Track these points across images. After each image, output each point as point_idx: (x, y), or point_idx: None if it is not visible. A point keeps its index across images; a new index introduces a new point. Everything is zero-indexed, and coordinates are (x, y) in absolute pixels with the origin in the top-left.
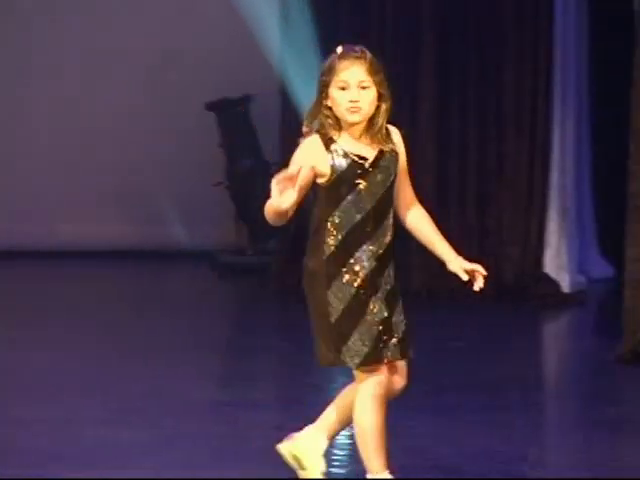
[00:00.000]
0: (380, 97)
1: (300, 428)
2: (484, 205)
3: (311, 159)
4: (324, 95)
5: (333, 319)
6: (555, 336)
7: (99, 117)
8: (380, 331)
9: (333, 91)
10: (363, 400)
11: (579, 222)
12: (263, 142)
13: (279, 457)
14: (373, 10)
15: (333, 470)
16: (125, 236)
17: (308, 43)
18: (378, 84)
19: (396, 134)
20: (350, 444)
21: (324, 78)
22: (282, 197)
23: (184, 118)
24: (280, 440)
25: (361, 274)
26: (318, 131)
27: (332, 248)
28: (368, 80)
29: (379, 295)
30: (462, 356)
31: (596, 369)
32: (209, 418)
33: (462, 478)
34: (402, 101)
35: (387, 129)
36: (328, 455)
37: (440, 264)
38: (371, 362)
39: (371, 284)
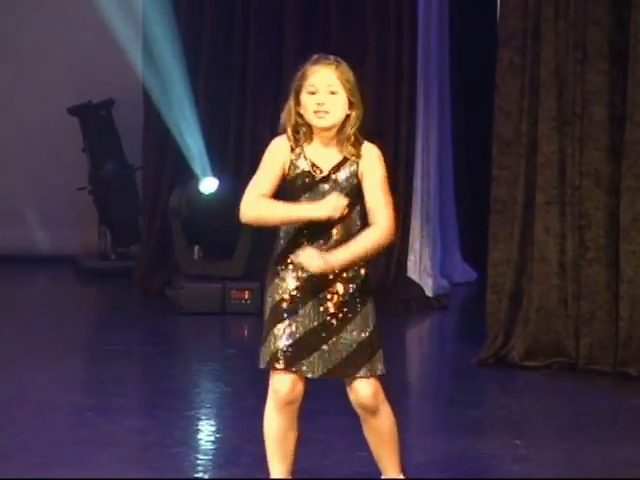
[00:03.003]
0: (350, 105)
1: (162, 433)
2: None
3: (280, 157)
4: (296, 101)
5: (265, 316)
6: (418, 340)
7: None
8: (296, 342)
9: (303, 96)
10: (266, 405)
11: (442, 227)
12: (126, 146)
13: (141, 461)
14: (237, 13)
15: (197, 475)
16: None
17: (171, 48)
18: (348, 91)
19: (371, 151)
20: (213, 449)
21: (296, 84)
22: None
23: (47, 122)
24: (143, 445)
25: (297, 279)
26: (291, 134)
27: (278, 250)
28: (337, 85)
29: (314, 304)
30: None
31: (458, 372)
32: (71, 423)
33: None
34: (267, 107)
35: (360, 141)
36: (192, 460)
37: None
38: (275, 369)
39: (306, 291)
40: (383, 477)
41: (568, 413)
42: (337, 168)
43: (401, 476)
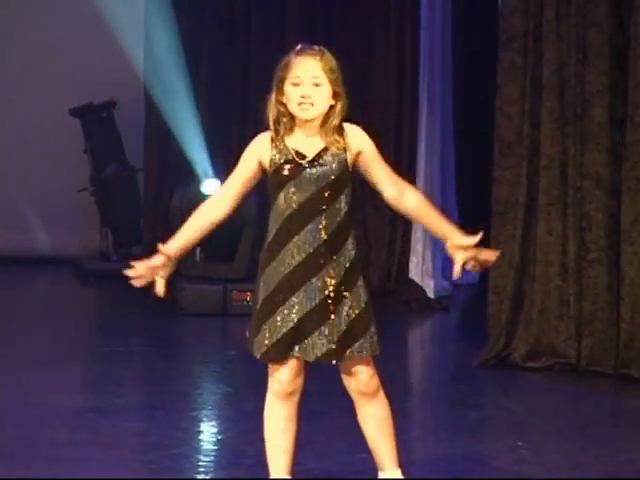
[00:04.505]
0: (335, 96)
1: (164, 435)
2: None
3: (256, 154)
4: (279, 91)
5: (257, 307)
6: (420, 341)
7: None
8: (291, 329)
9: (287, 87)
10: (267, 398)
11: None
12: (128, 148)
13: (142, 463)
14: (238, 14)
15: (199, 477)
16: None
17: (172, 49)
18: (333, 82)
19: (354, 132)
20: (214, 451)
21: (280, 74)
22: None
23: (49, 123)
24: (144, 447)
25: (287, 267)
26: (272, 125)
27: (269, 239)
28: (322, 77)
29: (307, 289)
30: None
31: (460, 374)
32: (72, 424)
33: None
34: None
35: (343, 128)
36: (194, 462)
37: None
38: (271, 359)
39: (298, 278)
40: (381, 475)
41: (569, 414)
42: (322, 154)
43: (399, 473)
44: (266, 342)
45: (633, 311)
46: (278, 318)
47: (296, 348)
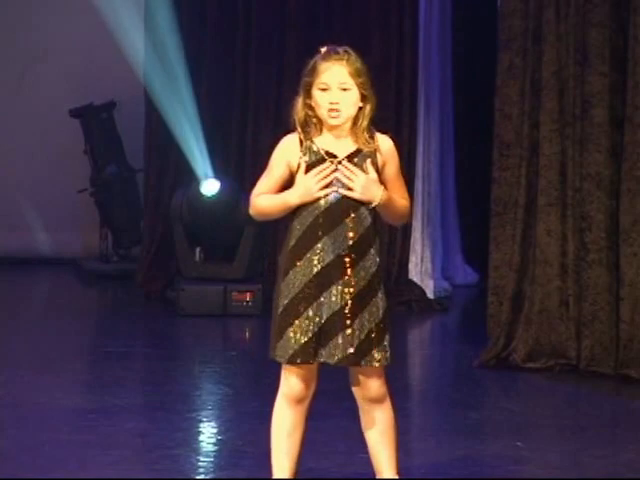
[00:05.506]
0: (363, 99)
1: (164, 436)
2: None
3: (284, 155)
4: (307, 95)
5: (279, 311)
6: (420, 341)
7: None
8: (316, 332)
9: (315, 92)
10: (277, 400)
11: (443, 229)
12: (128, 148)
13: (142, 464)
14: (239, 15)
15: (199, 477)
16: None
17: (173, 49)
18: (360, 86)
19: (384, 140)
20: (214, 451)
21: (307, 79)
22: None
23: (49, 124)
24: (144, 447)
25: (312, 271)
26: (299, 128)
27: (292, 242)
28: (349, 82)
29: (331, 293)
30: None
31: (460, 374)
32: (72, 425)
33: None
34: (269, 108)
35: (374, 135)
36: (194, 462)
37: None
38: (296, 362)
39: (322, 281)
40: (378, 478)
41: (569, 415)
42: (353, 156)
43: (397, 477)
44: (293, 346)
45: (633, 312)
46: (304, 322)
47: (322, 352)
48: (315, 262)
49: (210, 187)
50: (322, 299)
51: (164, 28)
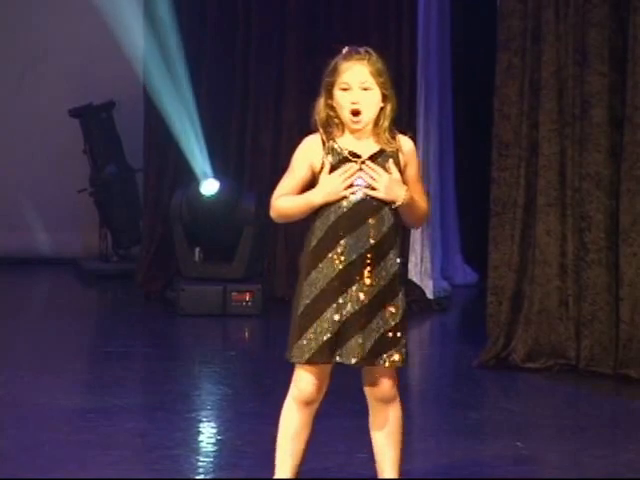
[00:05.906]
0: (384, 98)
1: (164, 436)
2: None
3: (307, 156)
4: (328, 95)
5: (299, 312)
6: (419, 342)
7: None
8: (335, 333)
9: (336, 92)
10: (287, 400)
11: (443, 229)
12: (127, 148)
13: (142, 464)
14: (238, 15)
15: (198, 477)
16: None
17: (172, 49)
18: (382, 85)
19: (406, 142)
20: (214, 452)
21: (328, 79)
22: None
23: (48, 124)
24: (144, 447)
25: (334, 271)
26: (321, 128)
27: (314, 242)
28: (370, 81)
29: (352, 293)
30: None
31: (459, 374)
32: (72, 425)
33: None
34: (268, 108)
35: (395, 135)
36: (193, 462)
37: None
38: (312, 363)
39: (341, 283)
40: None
41: (569, 415)
42: (377, 156)
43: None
44: (311, 346)
45: (632, 311)
46: (323, 323)
47: (338, 353)
48: (337, 262)
49: (210, 187)
50: (341, 300)
51: (164, 28)
